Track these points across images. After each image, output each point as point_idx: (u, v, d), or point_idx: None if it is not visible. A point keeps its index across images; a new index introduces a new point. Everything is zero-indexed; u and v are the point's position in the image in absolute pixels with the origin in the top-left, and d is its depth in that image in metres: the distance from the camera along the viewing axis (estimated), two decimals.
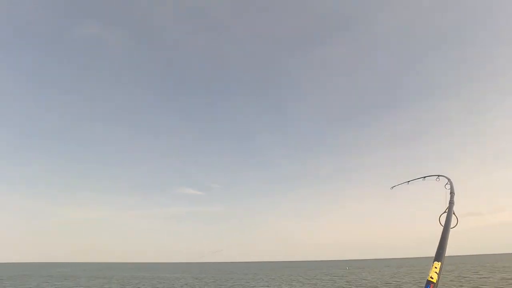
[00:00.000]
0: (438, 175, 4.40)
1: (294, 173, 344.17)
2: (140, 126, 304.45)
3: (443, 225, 3.15)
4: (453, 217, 3.22)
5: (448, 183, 4.20)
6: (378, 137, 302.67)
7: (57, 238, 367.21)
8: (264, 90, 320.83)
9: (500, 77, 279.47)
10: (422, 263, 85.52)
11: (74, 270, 67.26)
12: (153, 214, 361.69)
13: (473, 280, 24.68)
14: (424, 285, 2.33)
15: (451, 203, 3.50)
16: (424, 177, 4.55)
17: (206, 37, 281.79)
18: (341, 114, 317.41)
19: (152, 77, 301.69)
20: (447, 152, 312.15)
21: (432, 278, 2.34)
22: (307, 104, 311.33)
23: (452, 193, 3.83)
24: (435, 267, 2.42)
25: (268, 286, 25.97)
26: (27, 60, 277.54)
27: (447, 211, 3.33)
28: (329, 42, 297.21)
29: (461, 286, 21.21)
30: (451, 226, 3.09)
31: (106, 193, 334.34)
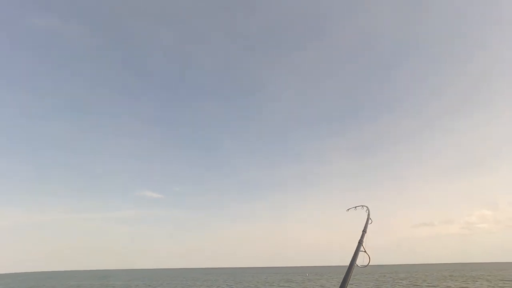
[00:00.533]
0: (368, 209, 4.59)
1: (259, 180, 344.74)
2: (91, 125, 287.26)
3: (358, 265, 3.07)
4: (365, 255, 3.20)
5: (367, 218, 4.28)
6: (342, 147, 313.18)
7: None
8: (231, 93, 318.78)
9: (459, 99, 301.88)
10: (380, 270, 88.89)
11: (12, 281, 61.18)
12: (107, 217, 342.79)
13: None
14: None
15: (360, 243, 3.44)
16: (362, 206, 4.89)
17: (171, 35, 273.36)
18: (307, 121, 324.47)
19: (111, 74, 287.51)
20: (407, 163, 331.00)
21: None
22: (274, 109, 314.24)
23: (364, 232, 3.82)
24: None
25: None
26: None
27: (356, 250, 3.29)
28: (301, 47, 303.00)
29: None
30: (364, 264, 3.04)
31: (52, 195, 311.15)
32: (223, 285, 34.57)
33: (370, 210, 4.63)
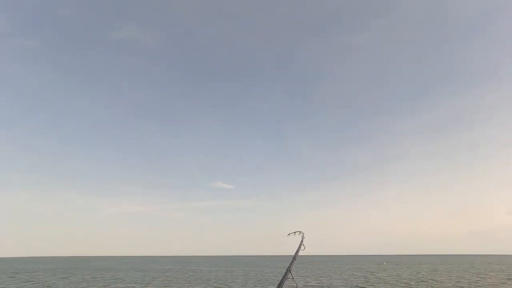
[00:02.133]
0: (302, 235, 4.48)
1: (325, 169, 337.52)
2: (168, 125, 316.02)
3: None
4: (293, 282, 3.18)
5: (300, 245, 4.16)
6: (411, 128, 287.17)
7: (99, 233, 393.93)
8: (289, 77, 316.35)
9: None
10: (471, 260, 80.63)
11: (116, 264, 71.69)
12: (185, 208, 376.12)
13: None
14: None
15: (289, 270, 3.31)
16: (300, 232, 4.70)
17: (228, 27, 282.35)
18: (370, 104, 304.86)
19: (179, 75, 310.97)
20: (498, 141, 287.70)
21: None
22: (333, 92, 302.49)
23: (294, 258, 3.73)
24: None
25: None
26: (76, 60, 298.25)
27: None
28: (359, 29, 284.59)
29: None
30: None
31: (143, 187, 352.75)
32: (301, 273, 35.51)
33: (304, 236, 4.45)
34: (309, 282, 23.48)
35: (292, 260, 3.56)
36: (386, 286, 21.31)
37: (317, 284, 22.29)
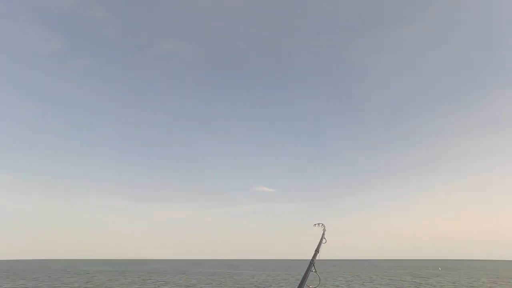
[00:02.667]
0: (324, 227, 4.40)
1: (368, 170, 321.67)
2: (210, 130, 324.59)
3: (310, 286, 3.12)
4: (316, 275, 3.20)
5: (321, 237, 4.12)
6: (465, 125, 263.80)
7: (145, 237, 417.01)
8: (329, 76, 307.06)
9: None
10: None
11: (163, 266, 75.35)
12: (229, 212, 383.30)
13: None
14: None
15: (312, 263, 3.35)
16: (319, 224, 4.58)
17: (264, 34, 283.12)
18: (418, 101, 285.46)
19: (221, 84, 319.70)
20: None
21: None
22: (375, 90, 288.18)
23: (316, 251, 3.75)
24: None
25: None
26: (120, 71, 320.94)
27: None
28: (403, 23, 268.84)
29: None
30: (314, 286, 3.07)
31: (187, 193, 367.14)
32: (342, 278, 34.33)
33: (326, 228, 4.34)
34: None
35: (315, 254, 3.71)
36: None
37: None
